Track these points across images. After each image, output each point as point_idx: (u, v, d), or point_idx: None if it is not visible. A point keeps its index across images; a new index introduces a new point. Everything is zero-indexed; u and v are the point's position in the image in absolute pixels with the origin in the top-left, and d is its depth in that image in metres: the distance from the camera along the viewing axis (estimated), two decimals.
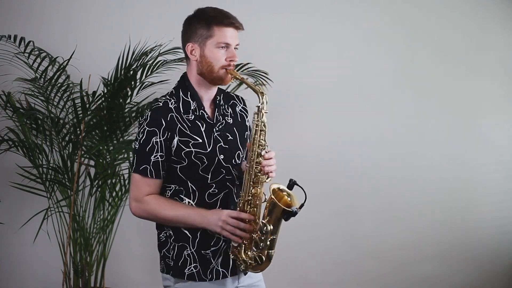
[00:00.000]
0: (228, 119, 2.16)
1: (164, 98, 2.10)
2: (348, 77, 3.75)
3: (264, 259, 2.02)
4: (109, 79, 3.13)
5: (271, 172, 2.03)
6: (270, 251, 2.02)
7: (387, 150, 3.80)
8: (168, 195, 2.10)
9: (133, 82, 3.08)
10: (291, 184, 2.02)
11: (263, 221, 2.00)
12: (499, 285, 3.94)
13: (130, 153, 3.12)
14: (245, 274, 2.13)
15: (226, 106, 2.18)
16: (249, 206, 2.03)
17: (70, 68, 3.22)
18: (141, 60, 3.06)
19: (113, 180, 3.24)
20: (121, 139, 3.19)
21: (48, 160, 3.18)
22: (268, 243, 2.00)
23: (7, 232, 3.46)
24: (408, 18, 3.79)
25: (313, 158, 3.73)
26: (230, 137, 2.13)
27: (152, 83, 3.17)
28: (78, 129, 3.12)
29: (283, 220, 2.00)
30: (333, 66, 3.73)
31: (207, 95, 2.13)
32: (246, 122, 2.24)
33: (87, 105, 3.05)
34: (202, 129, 2.08)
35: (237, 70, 3.29)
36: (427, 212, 3.85)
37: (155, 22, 3.54)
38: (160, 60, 3.08)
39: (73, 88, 3.16)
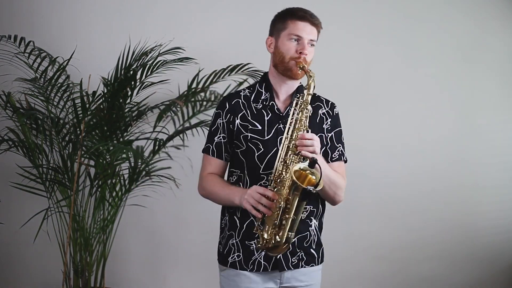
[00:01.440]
0: (296, 115, 2.14)
1: (243, 88, 2.28)
2: (348, 76, 3.75)
3: (279, 239, 2.00)
4: (109, 79, 3.13)
5: (310, 152, 2.01)
6: (289, 233, 2.01)
7: (387, 150, 3.80)
8: (233, 181, 2.21)
9: (133, 82, 3.08)
10: (312, 163, 2.03)
11: (280, 199, 2.01)
12: (499, 285, 3.94)
13: (130, 153, 3.12)
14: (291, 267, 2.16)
15: (303, 103, 2.14)
16: (275, 184, 2.06)
17: (70, 68, 3.22)
18: (141, 60, 3.06)
19: (113, 180, 3.24)
20: (121, 139, 3.19)
21: (48, 160, 3.18)
22: (284, 222, 2.00)
23: (7, 232, 3.46)
24: (408, 18, 3.79)
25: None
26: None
27: (152, 83, 3.17)
28: (78, 129, 3.12)
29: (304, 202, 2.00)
30: (333, 66, 3.73)
31: (283, 88, 2.21)
32: (324, 125, 2.26)
33: (87, 105, 3.05)
34: (266, 118, 2.18)
35: (237, 70, 3.30)
36: (427, 212, 3.85)
37: (155, 22, 3.54)
38: (160, 60, 3.08)
39: (73, 88, 3.16)
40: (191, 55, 3.14)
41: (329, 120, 2.28)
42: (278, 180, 2.05)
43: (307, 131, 2.06)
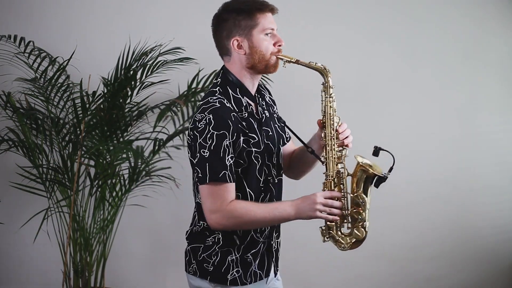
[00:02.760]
0: (265, 113, 2.11)
1: (215, 97, 1.98)
2: (348, 77, 3.75)
3: (364, 232, 2.04)
4: (109, 79, 3.13)
5: (349, 142, 2.07)
6: (366, 223, 2.04)
7: (387, 149, 3.80)
8: None
9: (133, 82, 3.08)
10: (377, 151, 2.06)
11: (360, 194, 2.02)
12: (499, 285, 3.94)
13: (130, 153, 3.12)
14: (275, 274, 2.16)
15: (260, 99, 2.12)
16: (334, 184, 2.03)
17: (70, 68, 3.22)
18: (141, 60, 3.06)
19: (113, 180, 3.24)
20: (121, 139, 3.19)
21: (48, 160, 3.18)
22: (364, 215, 2.01)
23: (7, 232, 3.46)
24: (408, 18, 3.79)
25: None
26: (271, 133, 2.09)
27: (152, 83, 3.17)
28: (78, 129, 3.12)
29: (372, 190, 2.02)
30: (333, 66, 3.72)
31: (254, 88, 2.08)
32: (274, 113, 2.19)
33: (87, 105, 3.05)
34: (256, 127, 2.03)
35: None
36: (427, 212, 3.85)
37: (155, 22, 3.54)
38: (160, 60, 3.08)
39: (73, 88, 3.16)
40: (191, 55, 3.14)
41: (275, 106, 2.22)
42: (335, 179, 2.03)
43: (340, 124, 2.10)
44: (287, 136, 2.26)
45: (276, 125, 2.15)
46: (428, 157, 3.83)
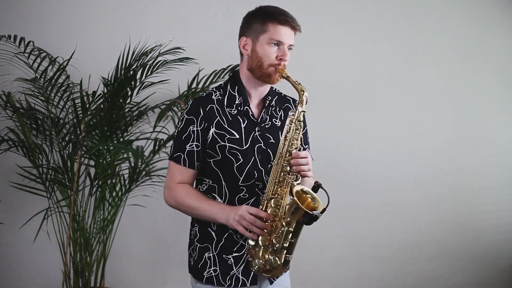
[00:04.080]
0: (275, 121, 2.11)
1: (211, 90, 2.10)
2: (348, 77, 3.75)
3: (278, 262, 1.95)
4: (109, 79, 3.13)
5: (303, 171, 1.97)
6: (287, 255, 1.96)
7: (387, 150, 3.80)
8: (203, 190, 2.09)
9: (133, 82, 3.08)
10: (316, 187, 1.98)
11: (281, 222, 1.94)
12: (499, 285, 3.94)
13: (130, 153, 3.12)
14: (271, 282, 2.09)
15: (277, 108, 2.14)
16: (270, 206, 1.97)
17: (70, 68, 3.22)
18: (141, 60, 3.06)
19: (113, 180, 3.24)
20: (121, 139, 3.19)
21: (48, 160, 3.18)
22: (285, 245, 1.94)
23: (7, 232, 3.46)
24: (408, 18, 3.79)
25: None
26: (272, 140, 2.08)
27: (152, 83, 3.17)
28: (78, 129, 3.12)
29: (304, 225, 1.94)
30: (333, 66, 3.73)
31: (256, 92, 2.10)
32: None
33: (87, 105, 3.05)
34: (242, 126, 2.05)
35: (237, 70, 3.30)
36: (427, 212, 3.85)
37: (155, 22, 3.54)
38: (160, 60, 3.08)
39: (73, 88, 3.16)
40: (191, 55, 3.14)
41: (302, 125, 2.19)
42: (272, 200, 1.97)
43: (300, 149, 2.00)
44: None
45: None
46: (428, 157, 3.84)
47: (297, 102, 2.02)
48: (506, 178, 3.93)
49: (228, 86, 2.09)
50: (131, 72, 3.05)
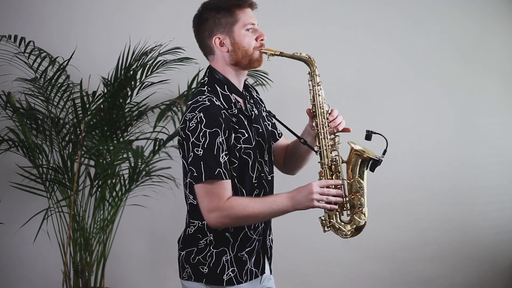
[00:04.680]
0: (254, 110, 2.11)
1: (204, 96, 1.97)
2: (348, 77, 3.75)
3: (364, 217, 2.03)
4: (109, 79, 3.13)
5: (343, 127, 2.08)
6: (366, 208, 2.04)
7: (387, 150, 3.80)
8: None
9: (133, 82, 3.08)
10: (369, 135, 2.07)
11: (355, 179, 2.01)
12: (499, 285, 3.94)
13: (130, 153, 3.12)
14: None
15: (248, 96, 2.13)
16: (331, 172, 2.02)
17: (70, 68, 3.22)
18: (141, 60, 3.06)
19: (113, 180, 3.24)
20: (121, 139, 3.19)
21: (48, 160, 3.18)
22: (363, 200, 2.01)
23: (7, 232, 3.46)
24: (408, 18, 3.79)
25: (313, 158, 3.72)
26: (260, 129, 2.09)
27: (152, 83, 3.17)
28: (78, 129, 3.12)
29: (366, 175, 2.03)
30: (333, 66, 3.72)
31: (240, 85, 2.08)
32: (263, 112, 2.19)
33: (87, 105, 3.05)
34: (246, 123, 2.03)
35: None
36: (427, 212, 3.85)
37: (155, 22, 3.54)
38: (160, 60, 3.08)
39: (73, 88, 3.16)
40: (191, 55, 3.13)
41: (263, 104, 2.23)
42: (332, 167, 2.02)
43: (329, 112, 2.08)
44: (278, 132, 2.27)
45: (266, 122, 2.16)
46: (428, 156, 3.83)
47: (310, 71, 2.08)
48: (506, 178, 3.92)
49: (217, 87, 2.02)
50: (131, 72, 3.05)
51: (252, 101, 2.13)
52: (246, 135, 2.00)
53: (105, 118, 3.08)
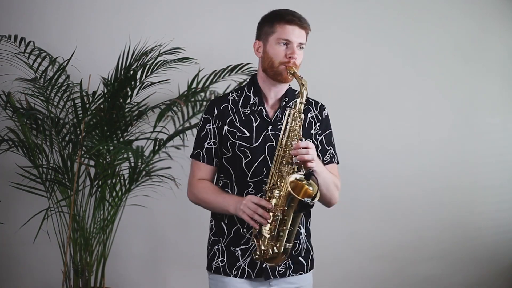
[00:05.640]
0: (289, 122, 2.11)
1: (230, 91, 2.25)
2: (348, 77, 3.75)
3: (277, 250, 2.00)
4: (109, 79, 3.12)
5: (305, 160, 1.98)
6: (287, 244, 2.01)
7: (387, 150, 3.81)
8: (219, 186, 2.20)
9: (133, 82, 3.08)
10: (308, 174, 2.01)
11: (277, 209, 2.00)
12: (499, 285, 3.94)
13: (130, 153, 3.12)
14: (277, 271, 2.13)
15: (293, 105, 2.14)
16: (270, 194, 2.03)
17: (70, 68, 3.22)
18: (141, 60, 3.06)
19: (113, 180, 3.24)
20: (121, 139, 3.19)
21: (48, 160, 3.18)
22: (281, 234, 1.99)
23: (7, 232, 3.46)
24: (408, 18, 3.80)
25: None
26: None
27: (152, 83, 3.16)
28: (78, 129, 3.11)
29: (300, 213, 1.99)
30: (333, 66, 3.73)
31: (272, 93, 2.18)
32: (312, 129, 2.21)
33: (87, 105, 3.05)
34: (254, 124, 2.15)
35: (237, 70, 3.30)
36: (427, 212, 3.85)
37: (155, 22, 3.54)
38: (160, 60, 3.08)
39: (73, 88, 3.16)
40: (191, 55, 3.13)
41: (318, 123, 2.24)
42: (273, 191, 2.03)
43: (301, 140, 2.03)
44: (325, 159, 2.24)
45: (309, 139, 2.16)
46: (427, 157, 3.84)
47: (296, 93, 2.09)
48: (506, 178, 3.93)
49: (245, 88, 2.20)
50: (131, 72, 3.05)
51: (300, 118, 2.08)
52: (247, 134, 2.14)
53: (105, 118, 3.07)
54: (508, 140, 3.92)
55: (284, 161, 2.04)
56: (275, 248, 2.00)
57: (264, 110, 2.16)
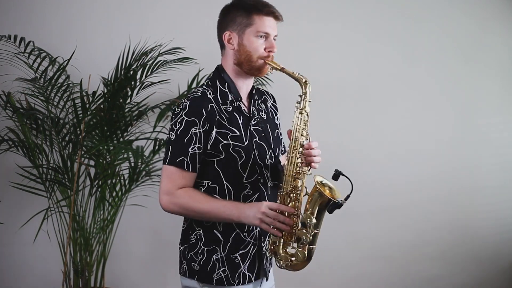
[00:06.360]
0: (262, 115, 2.12)
1: (201, 88, 2.03)
2: (348, 77, 3.75)
3: (305, 255, 1.97)
4: (109, 79, 3.13)
5: (314, 163, 1.99)
6: (312, 246, 1.98)
7: (387, 150, 3.80)
8: (202, 191, 2.02)
9: (133, 82, 3.08)
10: (337, 174, 1.99)
11: (307, 213, 1.95)
12: (499, 285, 3.94)
13: (130, 153, 3.12)
14: (267, 278, 2.11)
15: (259, 101, 2.15)
16: (289, 199, 1.98)
17: (70, 68, 3.22)
18: (141, 60, 3.06)
19: (113, 180, 3.24)
20: (121, 139, 3.19)
21: (48, 160, 3.18)
22: (311, 237, 1.95)
23: (7, 232, 3.46)
24: (408, 18, 3.79)
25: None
26: (264, 134, 2.08)
27: (152, 83, 3.17)
28: (78, 129, 3.12)
29: (325, 214, 1.96)
30: (333, 66, 3.73)
31: (245, 86, 2.09)
32: (276, 120, 2.20)
33: (87, 105, 3.05)
34: (240, 122, 2.02)
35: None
36: (427, 212, 3.85)
37: (155, 22, 3.54)
38: (160, 60, 3.08)
39: (73, 88, 3.16)
40: (191, 55, 3.14)
41: (278, 114, 2.22)
42: (291, 194, 1.98)
43: (309, 142, 2.01)
44: (282, 148, 2.24)
45: (278, 130, 2.18)
46: (428, 157, 3.84)
47: (301, 93, 2.02)
48: (506, 178, 3.93)
49: (217, 83, 2.05)
50: (131, 72, 3.05)
51: (263, 106, 2.14)
52: (237, 133, 2.00)
53: (105, 118, 3.07)
54: (508, 140, 3.92)
55: (297, 163, 1.99)
56: (302, 252, 1.96)
57: (242, 105, 2.05)
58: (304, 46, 3.68)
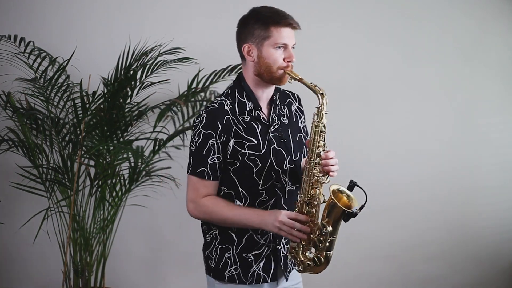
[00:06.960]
0: (283, 120, 2.16)
1: (219, 99, 2.09)
2: (348, 77, 3.75)
3: (322, 260, 2.05)
4: (109, 79, 3.13)
5: (332, 171, 2.04)
6: (329, 252, 2.05)
7: (387, 150, 3.80)
8: (220, 196, 2.11)
9: (133, 82, 3.08)
10: (352, 185, 2.04)
11: (322, 222, 2.02)
12: (499, 285, 3.94)
13: (130, 153, 3.12)
14: (286, 278, 2.17)
15: (282, 106, 2.18)
16: (307, 207, 2.04)
17: (70, 68, 3.22)
18: (141, 60, 3.06)
19: (113, 180, 3.24)
20: (121, 139, 3.19)
21: (48, 160, 3.18)
22: (327, 244, 2.03)
23: (7, 232, 3.46)
24: (408, 18, 3.79)
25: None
26: (284, 139, 2.13)
27: (152, 83, 3.17)
28: (78, 129, 3.12)
29: (342, 221, 2.03)
30: (333, 66, 3.73)
31: (265, 94, 2.14)
32: (300, 123, 2.23)
33: (87, 105, 3.05)
34: (258, 130, 2.09)
35: (237, 70, 3.30)
36: (427, 212, 3.85)
37: (155, 22, 3.54)
38: (160, 60, 3.08)
39: (73, 88, 3.16)
40: (191, 55, 3.14)
41: (303, 116, 2.26)
42: (309, 203, 2.04)
43: (326, 152, 2.05)
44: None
45: (300, 134, 2.21)
46: (428, 157, 3.84)
47: (319, 105, 2.06)
48: (506, 178, 3.93)
49: (236, 93, 2.11)
50: (131, 72, 3.05)
51: (285, 111, 2.17)
52: (255, 142, 2.07)
53: (105, 118, 3.07)
54: (508, 140, 3.92)
55: (314, 173, 2.03)
56: (319, 257, 2.04)
57: (261, 114, 2.11)
58: (304, 46, 3.67)
